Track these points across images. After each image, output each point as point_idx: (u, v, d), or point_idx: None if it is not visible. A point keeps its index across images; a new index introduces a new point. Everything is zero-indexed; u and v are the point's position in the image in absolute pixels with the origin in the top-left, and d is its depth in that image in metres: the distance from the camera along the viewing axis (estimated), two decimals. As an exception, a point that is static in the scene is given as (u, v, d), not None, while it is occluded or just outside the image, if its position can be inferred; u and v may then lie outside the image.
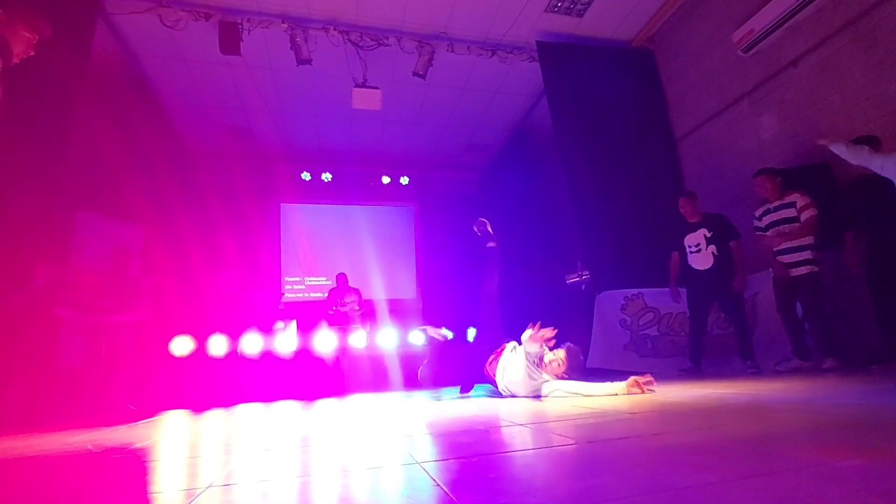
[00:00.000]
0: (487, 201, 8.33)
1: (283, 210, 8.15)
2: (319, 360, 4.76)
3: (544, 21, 5.35)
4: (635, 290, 4.67)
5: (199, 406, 3.91)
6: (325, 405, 3.40)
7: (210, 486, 1.12)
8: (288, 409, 3.26)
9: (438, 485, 1.00)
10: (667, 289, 4.27)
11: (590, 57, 5.51)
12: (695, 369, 3.90)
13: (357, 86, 5.32)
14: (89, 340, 3.33)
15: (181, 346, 4.54)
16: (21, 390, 2.84)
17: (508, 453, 1.32)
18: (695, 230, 4.01)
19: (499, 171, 7.94)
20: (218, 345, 4.57)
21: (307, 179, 8.03)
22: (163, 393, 4.25)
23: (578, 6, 5.21)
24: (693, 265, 4.01)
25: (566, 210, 5.70)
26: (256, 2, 4.82)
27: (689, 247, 4.04)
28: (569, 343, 2.91)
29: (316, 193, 8.16)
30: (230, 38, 4.74)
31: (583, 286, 5.08)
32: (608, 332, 4.74)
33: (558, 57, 5.43)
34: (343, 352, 4.92)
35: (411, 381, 5.03)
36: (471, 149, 8.17)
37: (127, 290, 3.56)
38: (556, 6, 5.18)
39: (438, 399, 3.25)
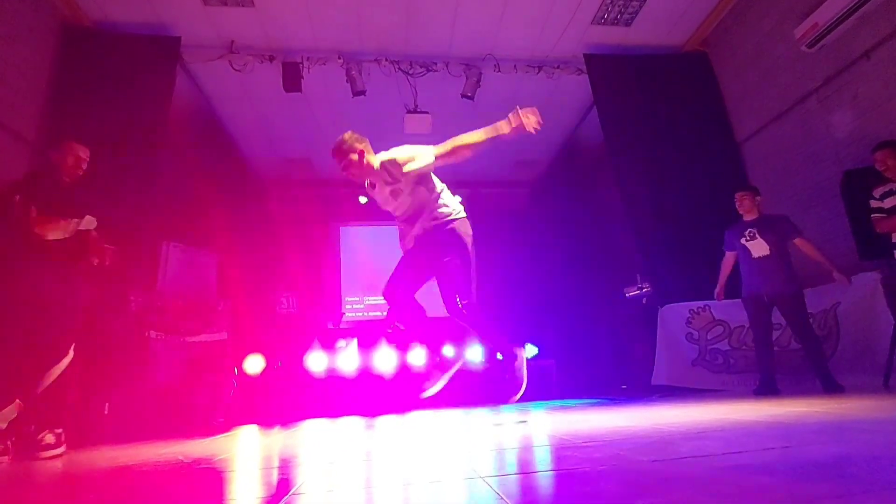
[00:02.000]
0: (538, 216, 8.28)
1: (343, 233, 8.51)
2: (380, 378, 4.90)
3: (591, 33, 5.33)
4: (701, 303, 4.46)
5: (268, 421, 4.14)
6: (387, 421, 3.49)
7: (288, 494, 1.21)
8: (351, 424, 3.39)
9: (502, 498, 1.04)
10: (736, 300, 4.01)
11: (639, 65, 5.41)
12: (767, 387, 3.48)
13: (409, 111, 5.53)
14: (175, 359, 3.65)
15: (253, 364, 4.84)
16: (118, 405, 3.15)
17: (570, 470, 1.33)
18: (749, 228, 3.67)
19: (549, 186, 7.88)
20: (286, 363, 4.83)
21: (364, 202, 8.35)
22: (237, 409, 4.54)
23: (626, 15, 5.15)
24: (751, 253, 3.60)
25: (621, 222, 5.55)
26: (314, 41, 5.17)
27: (744, 235, 3.66)
28: None
29: (372, 215, 8.44)
30: (292, 77, 5.10)
31: (643, 300, 4.91)
32: (674, 347, 4.54)
33: (607, 68, 5.38)
34: (403, 369, 5.03)
35: (470, 399, 5.04)
36: (520, 165, 8.17)
37: (206, 312, 3.87)
38: (603, 17, 5.16)
39: (497, 414, 3.24)
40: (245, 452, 2.30)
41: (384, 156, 2.68)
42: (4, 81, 4.01)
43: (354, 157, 2.63)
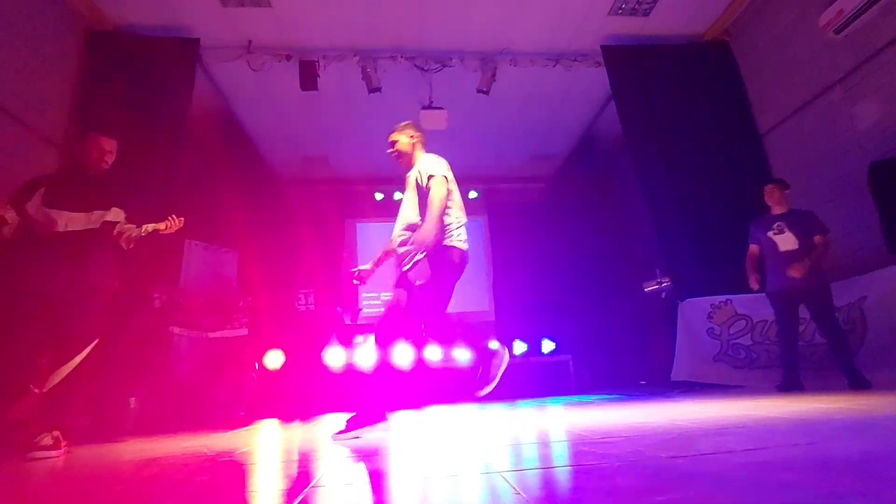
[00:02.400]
0: (556, 211, 8.21)
1: (360, 229, 8.58)
2: (398, 373, 4.94)
3: (608, 24, 5.25)
4: (723, 297, 4.37)
5: (288, 415, 4.21)
6: (404, 415, 3.52)
7: (308, 486, 1.24)
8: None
9: (518, 492, 1.04)
10: (759, 294, 3.94)
11: (659, 55, 5.31)
12: (790, 382, 3.44)
13: (424, 108, 5.53)
14: (197, 355, 3.74)
15: (273, 359, 4.93)
16: (143, 399, 3.24)
17: (587, 466, 1.32)
18: (777, 222, 3.63)
19: (567, 180, 7.81)
20: (305, 358, 4.90)
21: (380, 199, 8.41)
22: (257, 403, 4.63)
23: (644, 5, 5.06)
24: (778, 247, 3.55)
25: (641, 215, 5.48)
26: (330, 39, 5.20)
27: (772, 229, 3.61)
28: None
29: (388, 211, 8.50)
30: (308, 76, 5.14)
31: (662, 294, 4.84)
32: (695, 342, 4.47)
33: (625, 59, 5.29)
34: (419, 364, 5.06)
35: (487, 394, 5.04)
36: (537, 159, 8.12)
37: (226, 309, 3.95)
38: (621, 8, 5.07)
39: (513, 408, 3.24)
40: (266, 446, 2.35)
41: (426, 164, 2.58)
42: (34, 87, 4.14)
43: (393, 142, 2.72)
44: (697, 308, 4.49)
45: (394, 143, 2.72)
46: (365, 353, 5.20)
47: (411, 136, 2.72)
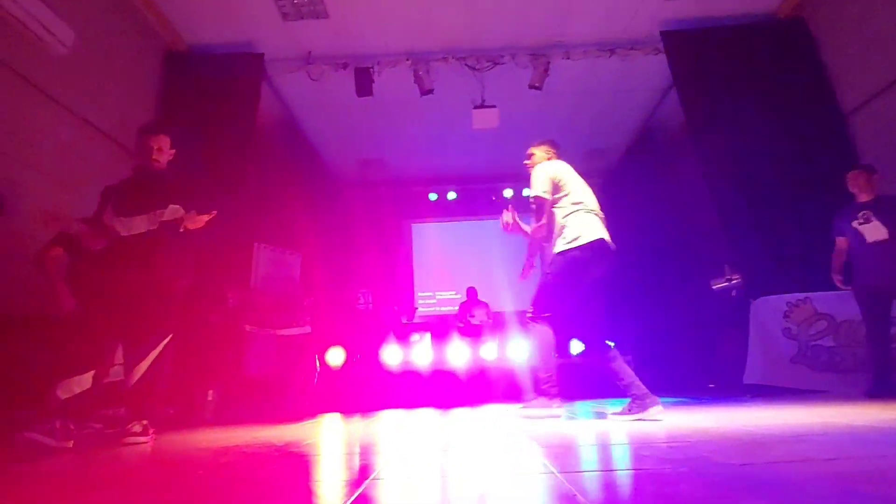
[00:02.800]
0: (612, 205, 7.92)
1: (415, 229, 8.75)
2: (452, 371, 4.99)
3: (668, 8, 5.00)
4: (801, 295, 4.05)
5: (350, 410, 4.38)
6: (460, 414, 3.56)
7: (368, 479, 1.29)
8: (426, 415, 3.49)
9: (576, 494, 1.03)
10: (841, 292, 3.62)
11: (723, 38, 5.00)
12: (881, 387, 3.10)
13: (476, 107, 5.54)
14: (266, 351, 3.99)
15: (334, 356, 5.14)
16: (220, 392, 3.49)
17: (648, 470, 1.29)
18: (863, 210, 3.31)
19: (624, 174, 7.52)
20: (362, 356, 5.08)
21: (434, 199, 8.52)
22: (320, 397, 4.86)
23: (706, -14, 4.79)
24: (865, 237, 3.24)
25: (706, 209, 5.17)
26: (384, 45, 5.34)
27: (857, 218, 3.31)
28: None
29: (443, 211, 8.61)
30: (364, 82, 5.32)
31: (732, 292, 4.55)
32: (770, 343, 4.17)
33: (686, 43, 5.03)
34: (475, 363, 5.09)
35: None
36: (591, 154, 7.88)
37: (292, 308, 4.18)
38: (680, -10, 4.83)
39: (572, 414, 3.18)
40: (329, 438, 2.46)
41: (532, 179, 2.85)
42: (122, 107, 4.58)
43: (530, 154, 3.01)
44: (772, 307, 4.19)
45: (531, 155, 3.00)
46: (421, 352, 5.30)
47: (546, 152, 2.97)
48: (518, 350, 5.57)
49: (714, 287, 4.55)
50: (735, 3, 4.98)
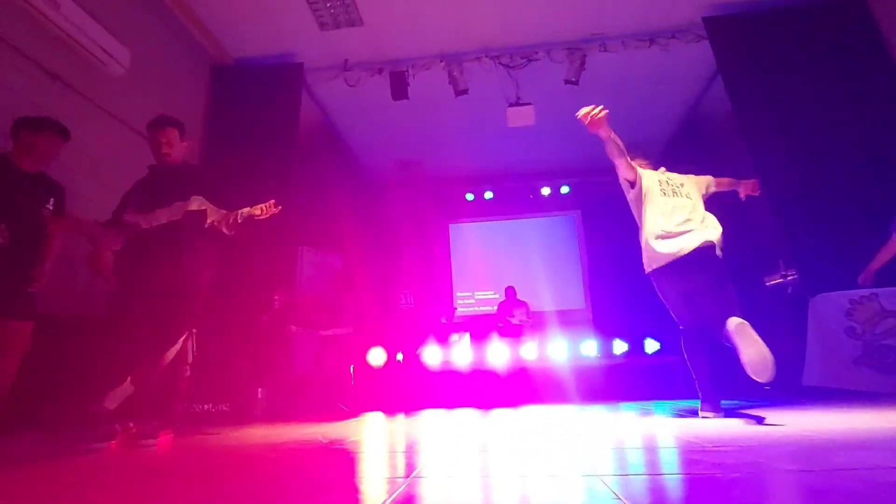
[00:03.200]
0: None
1: (452, 229, 8.78)
2: (492, 371, 4.98)
3: (711, -7, 4.81)
4: (865, 291, 3.78)
5: (392, 409, 4.45)
6: (500, 414, 3.55)
7: (410, 476, 1.32)
8: (467, 415, 3.50)
9: (619, 498, 1.02)
10: (914, 287, 3.36)
11: (773, 21, 4.74)
12: None
13: (511, 105, 5.51)
14: (311, 351, 4.12)
15: (375, 356, 5.23)
16: (269, 390, 3.64)
17: (697, 475, 1.25)
18: None
19: (667, 167, 7.24)
20: (402, 356, 5.15)
21: (471, 200, 8.53)
22: (363, 396, 4.97)
23: (753, -33, 4.56)
24: None
25: (758, 201, 4.92)
26: (418, 48, 5.40)
27: None
28: None
29: (480, 210, 8.61)
30: (399, 86, 5.39)
31: (789, 289, 4.30)
32: (831, 342, 3.91)
33: (732, 29, 4.80)
34: (515, 363, 5.06)
35: (584, 394, 4.89)
36: (633, 147, 7.64)
37: (334, 308, 4.30)
38: (725, -26, 4.62)
39: (616, 412, 3.11)
40: (372, 436, 2.52)
41: None
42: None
43: None
44: (833, 304, 3.93)
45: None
46: (461, 352, 5.31)
47: (638, 164, 3.17)
48: (558, 349, 5.49)
49: (768, 284, 4.32)
50: (785, -16, 4.71)
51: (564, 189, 8.33)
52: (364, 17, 4.96)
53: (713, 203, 3.59)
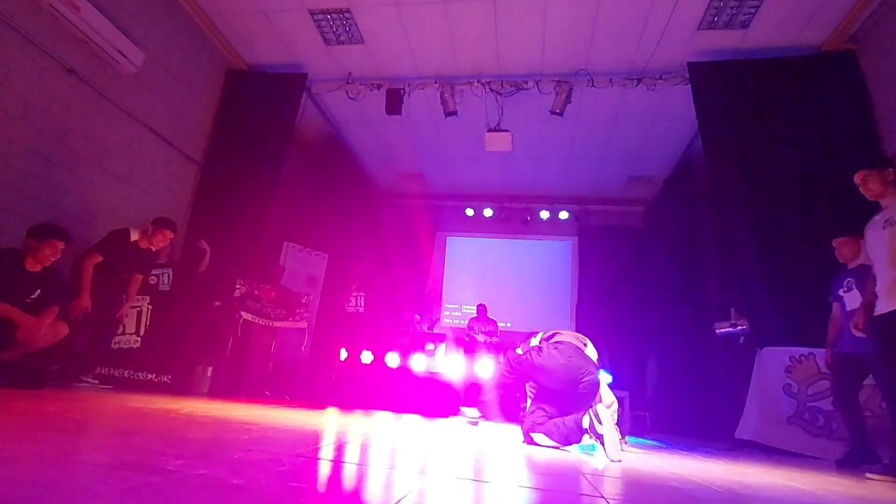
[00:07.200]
0: (651, 235, 7.65)
1: (449, 242, 8.99)
2: (446, 383, 5.14)
3: (698, 40, 4.87)
4: (805, 350, 3.75)
5: (348, 405, 4.68)
6: (443, 424, 3.66)
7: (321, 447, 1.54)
8: (412, 421, 3.61)
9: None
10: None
11: (757, 70, 4.75)
12: (857, 456, 2.92)
13: (490, 130, 5.73)
14: (263, 341, 4.44)
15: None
16: (216, 368, 3.95)
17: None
18: (849, 278, 3.17)
19: (665, 204, 7.23)
20: (367, 357, 5.39)
21: (470, 215, 8.73)
22: (324, 391, 5.24)
23: (741, 16, 4.60)
24: (846, 306, 3.14)
25: (718, 246, 4.92)
26: (415, 68, 5.70)
27: (843, 286, 3.19)
28: None
29: (478, 227, 8.79)
30: (393, 102, 5.70)
31: (741, 338, 4.26)
32: (768, 398, 3.89)
33: (714, 76, 4.85)
34: (468, 377, 5.19)
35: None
36: (634, 181, 7.68)
37: (292, 305, 4.60)
38: (712, 22, 4.68)
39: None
40: (335, 428, 2.58)
41: None
42: (184, 119, 5.34)
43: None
44: (776, 359, 3.90)
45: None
46: (448, 362, 5.31)
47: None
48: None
49: (717, 331, 4.29)
50: (774, 36, 4.72)
51: (563, 214, 8.40)
52: (365, 37, 5.31)
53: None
